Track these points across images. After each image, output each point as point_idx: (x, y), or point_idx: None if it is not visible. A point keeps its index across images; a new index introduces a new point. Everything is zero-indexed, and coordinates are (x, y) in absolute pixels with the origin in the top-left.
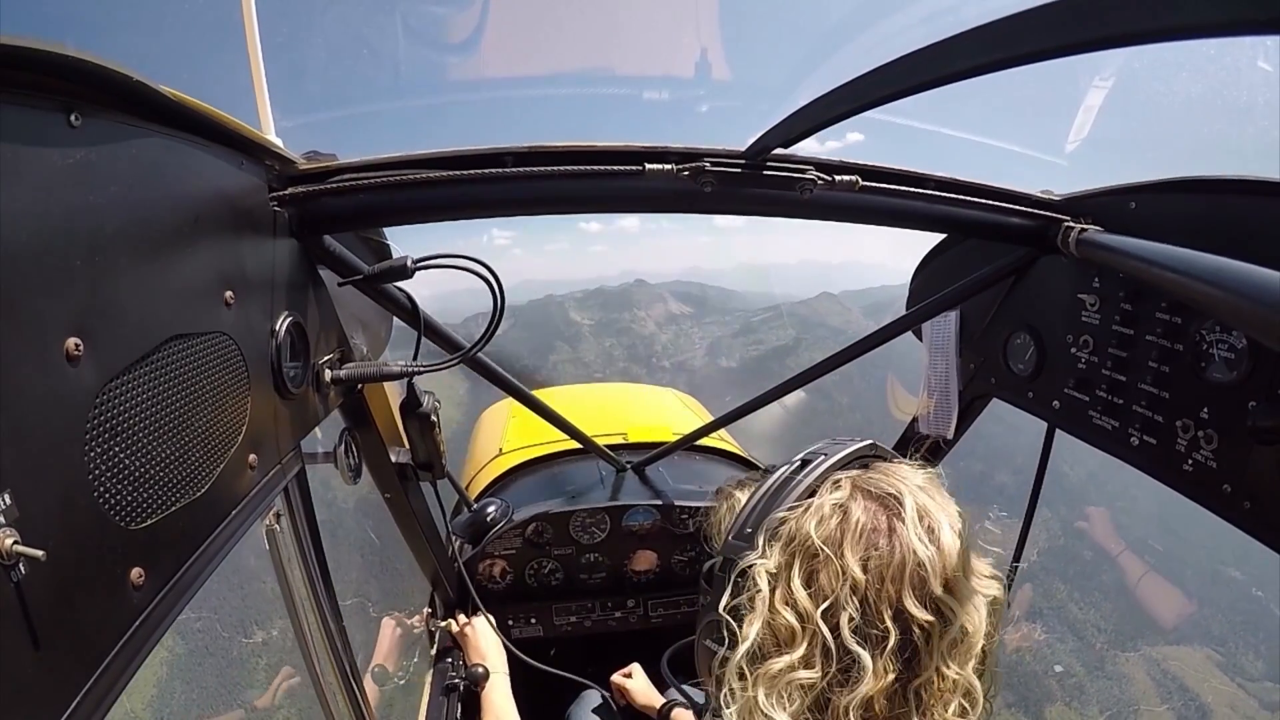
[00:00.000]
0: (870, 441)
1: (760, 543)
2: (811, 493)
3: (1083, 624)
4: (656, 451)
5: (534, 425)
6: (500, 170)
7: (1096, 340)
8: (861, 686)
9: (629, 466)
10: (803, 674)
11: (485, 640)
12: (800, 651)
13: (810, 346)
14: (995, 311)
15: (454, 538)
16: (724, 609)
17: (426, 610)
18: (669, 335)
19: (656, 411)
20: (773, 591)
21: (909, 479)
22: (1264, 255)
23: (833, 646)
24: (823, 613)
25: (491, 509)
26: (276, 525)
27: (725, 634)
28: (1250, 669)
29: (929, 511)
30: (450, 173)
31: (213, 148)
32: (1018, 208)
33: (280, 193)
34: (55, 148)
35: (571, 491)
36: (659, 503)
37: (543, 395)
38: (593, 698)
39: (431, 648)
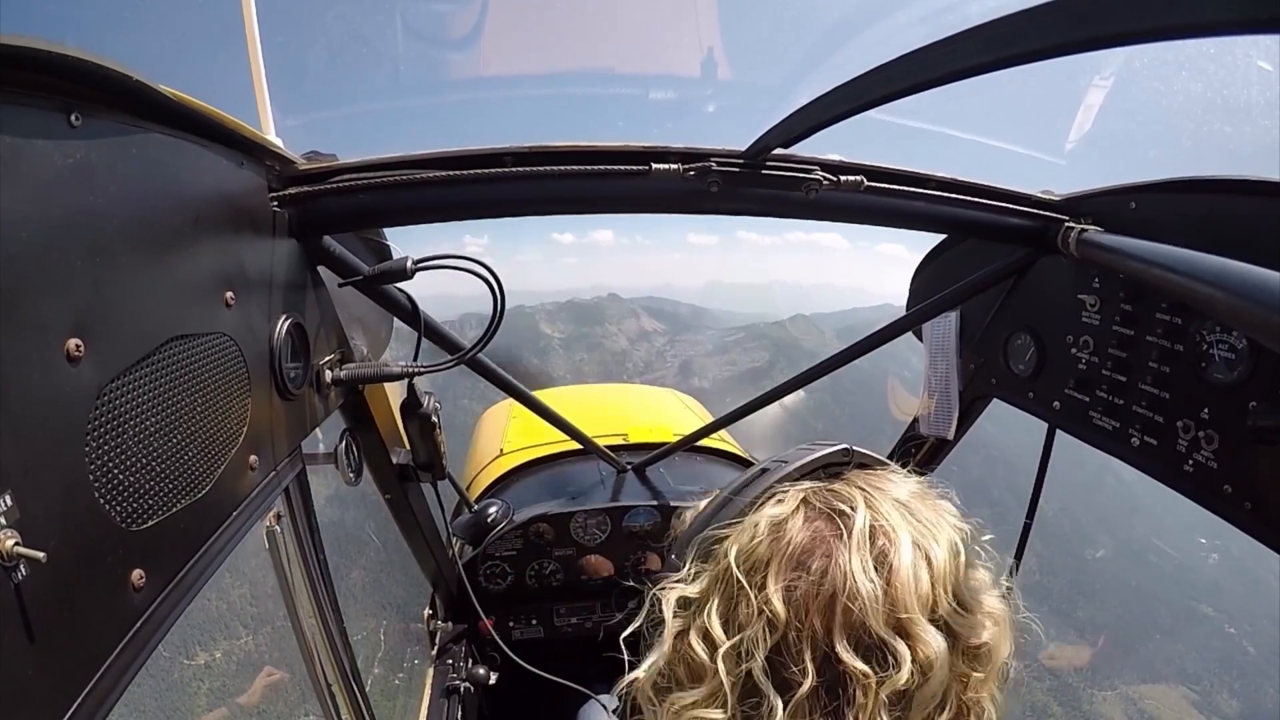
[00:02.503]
0: (843, 446)
1: (688, 564)
2: (757, 506)
3: (1059, 660)
4: (657, 452)
5: (535, 426)
6: (501, 170)
7: (1097, 341)
8: None
9: (629, 467)
10: (708, 713)
11: None
12: (707, 688)
13: (785, 369)
14: (995, 312)
15: (455, 539)
16: (625, 636)
17: (427, 611)
18: (641, 352)
19: (657, 412)
20: (691, 621)
21: (881, 489)
22: (1264, 255)
23: (728, 688)
24: (733, 649)
25: (492, 510)
26: (277, 526)
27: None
28: (1225, 707)
29: (887, 530)
30: (451, 173)
31: (213, 147)
32: (1018, 208)
33: (280, 193)
34: (55, 148)
35: (572, 492)
36: (659, 503)
37: (543, 396)
38: (603, 702)
39: (432, 648)
